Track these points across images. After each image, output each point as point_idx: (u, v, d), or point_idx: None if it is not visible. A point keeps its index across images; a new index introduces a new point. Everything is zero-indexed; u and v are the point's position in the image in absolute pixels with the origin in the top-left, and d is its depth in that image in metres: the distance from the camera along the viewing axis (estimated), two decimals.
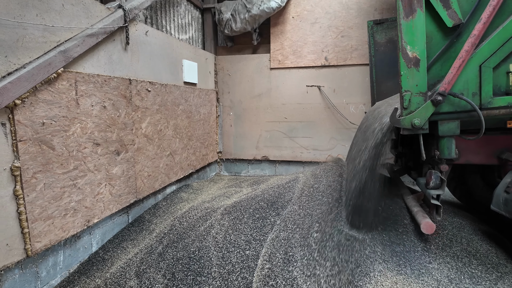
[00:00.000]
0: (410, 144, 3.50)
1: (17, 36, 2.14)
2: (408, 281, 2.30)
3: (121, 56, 3.23)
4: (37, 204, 2.32)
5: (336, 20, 5.46)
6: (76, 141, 2.65)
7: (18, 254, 2.20)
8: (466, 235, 2.75)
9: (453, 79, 2.16)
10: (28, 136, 2.23)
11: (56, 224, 2.49)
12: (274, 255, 2.53)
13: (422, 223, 2.46)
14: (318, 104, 5.69)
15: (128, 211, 3.50)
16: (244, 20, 5.40)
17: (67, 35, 2.54)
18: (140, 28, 3.54)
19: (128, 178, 3.35)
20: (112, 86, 3.05)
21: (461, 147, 2.66)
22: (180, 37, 4.97)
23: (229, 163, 6.32)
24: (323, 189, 3.31)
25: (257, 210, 3.21)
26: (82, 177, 2.72)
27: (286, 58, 5.74)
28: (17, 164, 2.15)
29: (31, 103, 2.24)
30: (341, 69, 5.53)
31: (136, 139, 3.47)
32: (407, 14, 2.20)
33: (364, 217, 2.77)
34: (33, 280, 2.38)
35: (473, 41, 2.12)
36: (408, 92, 2.26)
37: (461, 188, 3.71)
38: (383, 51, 4.48)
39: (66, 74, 2.52)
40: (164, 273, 2.62)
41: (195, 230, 3.12)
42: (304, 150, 5.85)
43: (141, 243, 3.14)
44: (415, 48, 2.21)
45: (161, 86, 3.94)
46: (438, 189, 2.49)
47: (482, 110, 2.22)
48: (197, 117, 5.09)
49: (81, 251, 2.85)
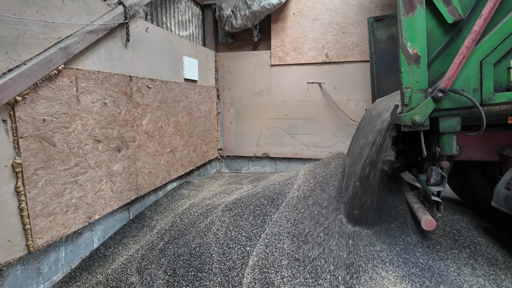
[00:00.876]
0: (411, 141, 3.50)
1: (17, 32, 2.14)
2: (406, 275, 2.31)
3: (122, 53, 3.22)
4: (39, 200, 2.33)
5: (337, 16, 5.43)
6: (77, 137, 2.66)
7: (20, 250, 2.21)
8: (466, 231, 2.76)
9: (454, 75, 2.16)
10: (29, 133, 2.24)
11: (57, 221, 2.50)
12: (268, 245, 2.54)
13: (422, 219, 2.46)
14: (319, 101, 5.68)
15: (129, 207, 3.51)
16: (244, 16, 5.38)
17: (67, 32, 2.53)
18: (140, 24, 3.53)
19: (129, 175, 3.35)
20: (113, 83, 3.05)
21: (462, 143, 2.66)
22: (180, 33, 4.95)
23: (229, 160, 6.32)
24: (322, 184, 3.32)
25: (257, 207, 3.21)
26: (83, 174, 2.73)
27: (287, 54, 5.72)
28: (19, 161, 2.16)
29: (32, 100, 2.24)
30: (342, 66, 5.51)
31: (137, 136, 3.47)
32: (408, 11, 2.19)
33: (363, 212, 2.76)
34: (35, 276, 2.40)
35: (474, 37, 2.11)
36: (408, 89, 2.25)
37: (462, 184, 3.72)
38: (383, 48, 4.46)
39: (66, 71, 2.52)
40: (165, 269, 2.63)
41: (196, 227, 3.13)
42: (304, 147, 5.85)
43: (142, 240, 3.15)
44: (416, 45, 2.20)
45: (161, 83, 3.93)
46: (439, 186, 2.49)
47: (483, 106, 2.21)
48: (198, 114, 5.09)
49: (82, 247, 2.86)
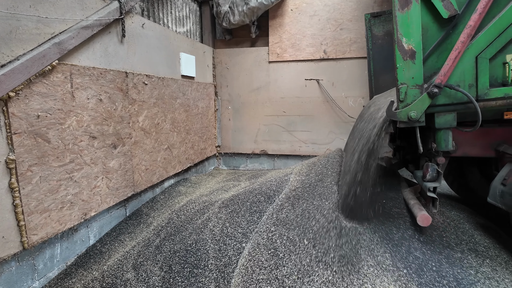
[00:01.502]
0: (408, 137, 3.49)
1: (10, 27, 2.12)
2: (401, 273, 2.31)
3: (117, 49, 3.20)
4: (33, 197, 2.32)
5: (335, 12, 5.41)
6: (72, 134, 2.64)
7: (15, 246, 2.21)
8: (462, 228, 2.76)
9: (449, 70, 2.15)
10: (23, 129, 2.22)
11: (52, 217, 2.49)
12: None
13: (418, 215, 2.46)
14: (317, 97, 5.67)
15: (125, 204, 3.50)
16: (242, 12, 5.35)
17: (61, 27, 2.51)
18: (136, 20, 3.51)
19: (125, 172, 3.35)
20: (108, 79, 3.04)
21: (458, 139, 2.65)
22: (177, 30, 4.93)
23: (227, 157, 6.31)
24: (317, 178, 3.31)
25: (254, 203, 3.21)
26: (78, 170, 2.72)
27: (285, 51, 5.70)
28: (12, 157, 2.15)
29: (25, 96, 2.22)
30: (340, 62, 5.50)
31: (133, 132, 3.46)
32: (403, 6, 2.17)
33: (359, 208, 2.74)
34: (30, 272, 2.39)
35: (469, 32, 2.10)
36: (404, 84, 2.24)
37: (459, 181, 3.71)
38: (380, 44, 4.43)
39: (61, 67, 2.50)
40: (161, 265, 2.63)
41: (193, 223, 3.13)
42: (302, 144, 5.84)
43: (138, 236, 3.14)
44: (411, 40, 2.19)
45: (158, 79, 3.91)
46: (435, 182, 2.49)
47: (479, 101, 2.20)
48: (195, 111, 5.07)
49: (78, 244, 2.86)
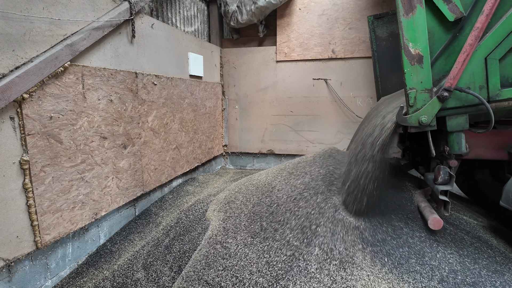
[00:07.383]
0: (418, 139, 3.46)
1: (24, 29, 2.14)
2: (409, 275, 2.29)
3: (127, 50, 3.22)
4: (46, 197, 2.35)
5: (344, 11, 5.37)
6: (83, 134, 2.67)
7: (28, 246, 2.24)
8: (472, 230, 2.73)
9: (459, 73, 2.12)
10: (36, 130, 2.25)
11: (64, 217, 2.52)
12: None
13: (429, 218, 2.44)
14: (325, 97, 5.64)
15: (135, 204, 3.53)
16: (250, 12, 5.34)
17: (73, 29, 2.53)
18: (146, 21, 3.52)
19: (135, 172, 3.37)
20: (119, 80, 3.05)
21: (470, 142, 2.62)
22: (185, 29, 4.93)
23: (234, 156, 6.32)
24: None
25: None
26: (89, 171, 2.75)
27: (293, 50, 5.68)
28: (26, 158, 2.17)
29: (38, 97, 2.25)
30: (348, 62, 5.46)
31: (143, 132, 3.48)
32: (407, 11, 2.15)
33: (363, 204, 2.64)
34: (43, 271, 2.43)
35: (477, 34, 2.07)
36: (413, 89, 2.22)
37: (469, 183, 3.68)
38: (385, 45, 4.38)
39: (73, 68, 2.52)
40: (171, 265, 2.64)
41: (201, 224, 3.14)
42: (310, 144, 5.82)
43: (148, 236, 3.17)
44: (418, 45, 2.17)
45: (167, 79, 3.93)
46: (447, 185, 2.46)
47: (490, 103, 2.18)
48: (203, 110, 5.08)
49: (89, 243, 2.89)
